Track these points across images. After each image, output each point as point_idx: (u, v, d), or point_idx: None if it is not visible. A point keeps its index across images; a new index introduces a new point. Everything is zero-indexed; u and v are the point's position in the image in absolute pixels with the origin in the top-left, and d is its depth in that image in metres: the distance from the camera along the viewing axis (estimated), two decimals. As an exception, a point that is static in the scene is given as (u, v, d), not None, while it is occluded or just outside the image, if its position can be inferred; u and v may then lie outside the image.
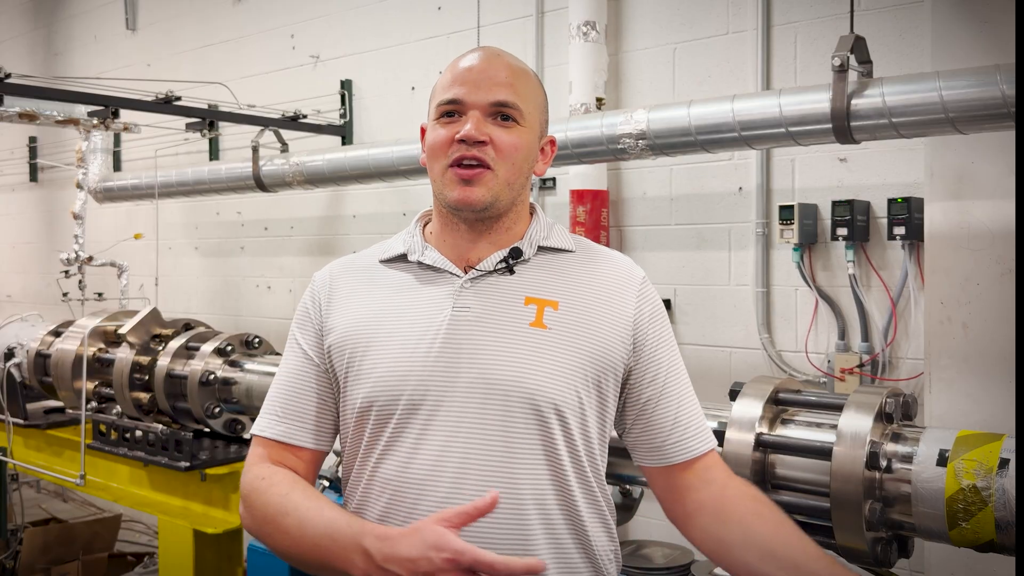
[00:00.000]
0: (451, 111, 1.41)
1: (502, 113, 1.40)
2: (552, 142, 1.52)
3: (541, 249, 1.47)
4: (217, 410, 3.64)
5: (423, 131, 1.51)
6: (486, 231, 1.44)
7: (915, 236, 3.06)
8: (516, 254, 1.44)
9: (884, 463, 2.01)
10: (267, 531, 1.39)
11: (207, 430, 3.75)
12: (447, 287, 1.42)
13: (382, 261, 1.50)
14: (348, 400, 1.43)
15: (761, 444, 2.17)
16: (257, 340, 3.79)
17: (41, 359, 4.32)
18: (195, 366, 3.63)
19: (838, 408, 2.12)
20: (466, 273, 1.43)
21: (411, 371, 1.37)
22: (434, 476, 1.33)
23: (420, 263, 1.46)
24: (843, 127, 2.71)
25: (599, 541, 1.42)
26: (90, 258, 5.08)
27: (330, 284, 1.51)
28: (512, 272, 1.43)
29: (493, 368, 1.35)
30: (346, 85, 4.98)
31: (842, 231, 3.21)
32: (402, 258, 1.49)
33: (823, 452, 2.08)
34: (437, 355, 1.37)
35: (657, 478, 1.50)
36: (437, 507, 1.31)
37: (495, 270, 1.43)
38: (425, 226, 1.54)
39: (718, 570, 2.32)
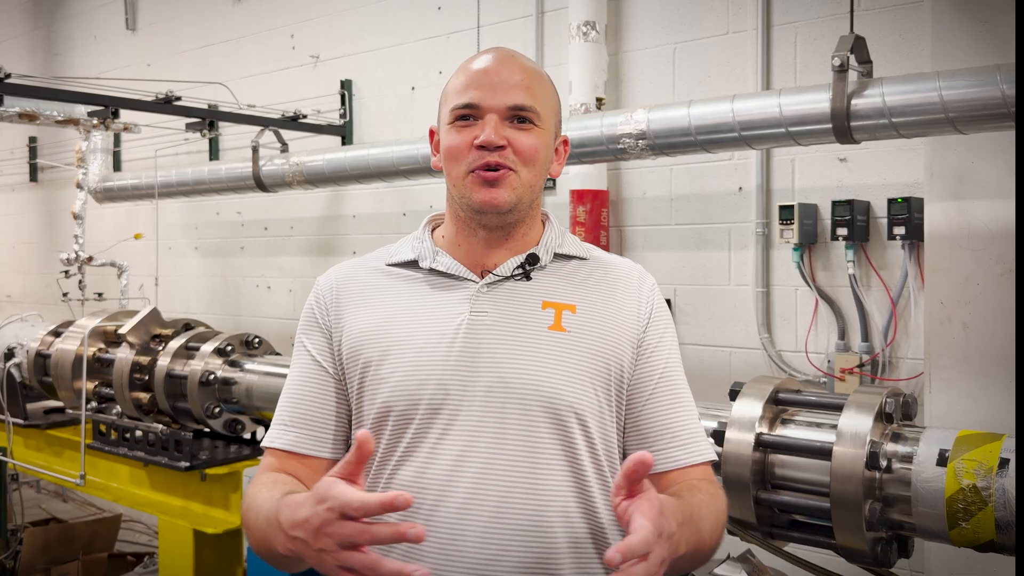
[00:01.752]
0: (466, 115, 1.38)
1: (519, 116, 1.38)
2: (565, 142, 1.50)
3: (556, 256, 1.46)
4: (217, 410, 3.64)
5: (432, 133, 1.49)
6: (504, 237, 1.42)
7: (915, 236, 3.06)
8: (533, 260, 1.42)
9: (884, 463, 2.01)
10: (247, 534, 1.35)
11: (207, 430, 3.76)
12: (463, 292, 1.40)
13: (389, 265, 1.47)
14: (364, 406, 1.40)
15: (761, 444, 2.17)
16: (257, 340, 3.79)
17: (41, 359, 4.32)
18: (195, 366, 3.63)
19: (838, 408, 2.13)
20: (482, 278, 1.41)
21: (430, 376, 1.35)
22: (453, 481, 1.31)
23: (432, 269, 1.43)
24: (843, 127, 2.71)
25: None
26: (90, 258, 5.08)
27: (337, 289, 1.47)
28: (529, 278, 1.42)
29: (512, 372, 1.34)
30: (346, 85, 4.98)
31: (842, 231, 3.21)
32: (411, 264, 1.46)
33: (823, 452, 2.08)
34: (456, 359, 1.35)
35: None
36: (456, 513, 1.30)
37: (512, 276, 1.41)
38: (433, 231, 1.51)
39: (719, 570, 2.32)
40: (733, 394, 2.28)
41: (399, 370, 1.36)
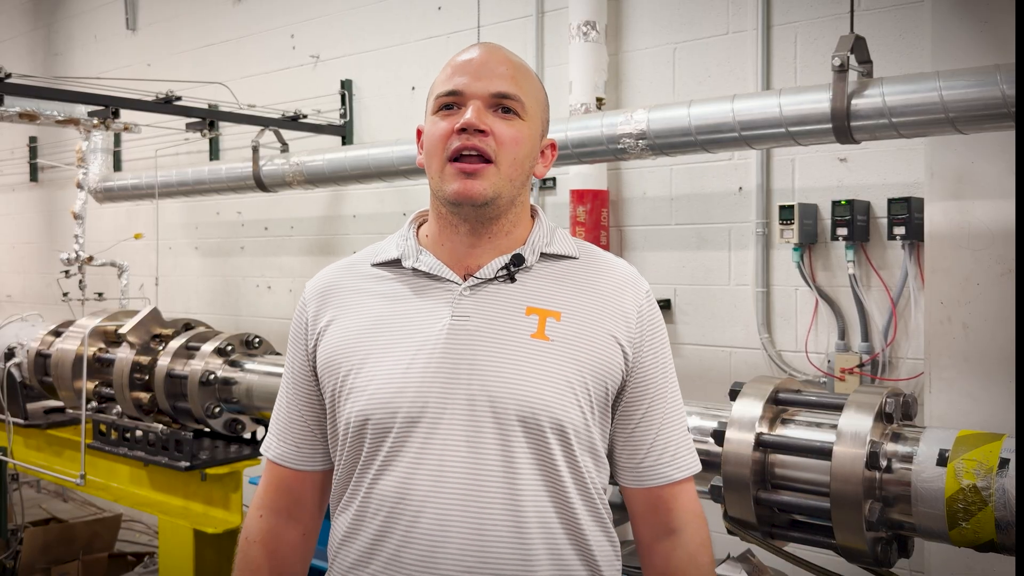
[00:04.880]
0: (450, 103, 1.36)
1: (503, 105, 1.35)
2: (553, 145, 1.47)
3: (543, 256, 1.42)
4: (217, 410, 3.64)
5: (419, 132, 1.47)
6: (486, 233, 1.39)
7: (915, 236, 3.06)
8: (518, 261, 1.38)
9: (884, 463, 2.01)
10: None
11: (207, 430, 3.75)
12: (445, 295, 1.37)
13: (375, 265, 1.46)
14: (343, 415, 1.38)
15: (761, 444, 2.17)
16: (257, 340, 3.79)
17: (41, 359, 4.32)
18: (195, 366, 3.63)
19: (838, 408, 2.13)
20: (465, 280, 1.38)
21: (408, 384, 1.33)
22: (434, 493, 1.30)
23: (415, 269, 1.41)
24: (843, 127, 2.71)
25: (602, 550, 1.39)
26: (90, 258, 5.08)
27: (319, 297, 1.46)
28: (513, 280, 1.38)
29: (493, 382, 1.31)
30: (346, 85, 4.98)
31: (842, 231, 3.21)
32: (396, 263, 1.44)
33: (823, 452, 2.08)
34: (436, 368, 1.32)
35: (632, 499, 1.47)
36: (436, 524, 1.29)
37: (495, 277, 1.38)
38: (419, 228, 1.48)
39: (719, 570, 2.32)
40: (733, 394, 2.28)
41: (377, 378, 1.34)
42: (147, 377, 3.76)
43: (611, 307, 1.40)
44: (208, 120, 4.82)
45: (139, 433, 3.73)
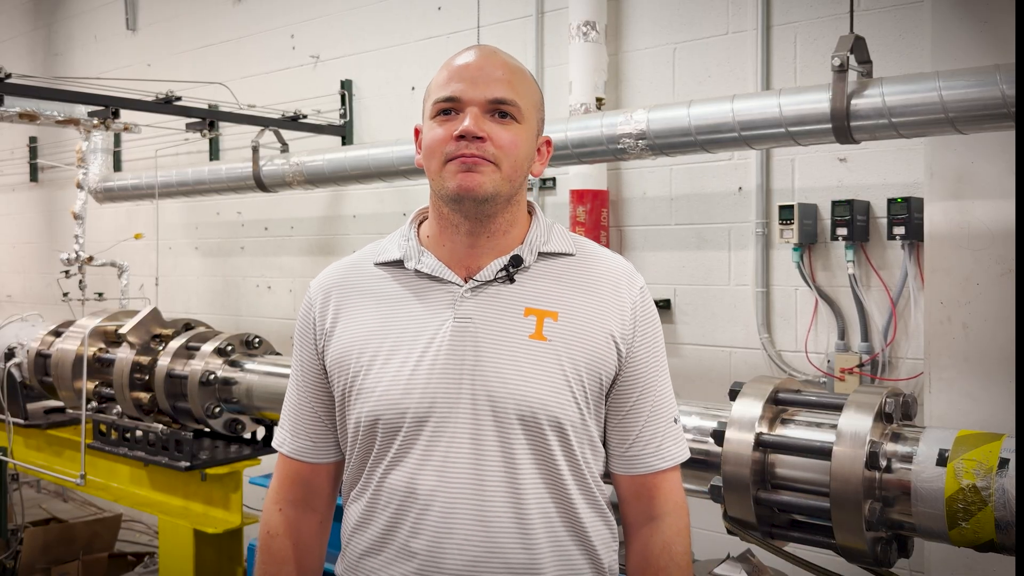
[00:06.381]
0: (448, 108, 1.39)
1: (500, 111, 1.38)
2: (548, 143, 1.51)
3: (541, 255, 1.46)
4: (217, 410, 3.65)
5: (417, 132, 1.50)
6: (485, 231, 1.42)
7: (915, 236, 3.06)
8: (516, 262, 1.42)
9: (884, 463, 2.01)
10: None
11: (207, 430, 3.76)
12: (447, 296, 1.41)
13: (377, 264, 1.49)
14: (353, 414, 1.43)
15: (761, 444, 2.18)
16: (257, 340, 3.79)
17: (41, 359, 4.32)
18: (195, 366, 3.64)
19: (838, 408, 2.13)
20: (466, 281, 1.42)
21: (415, 385, 1.38)
22: (440, 488, 1.36)
23: (417, 271, 1.44)
24: (843, 127, 2.71)
25: (599, 534, 1.44)
26: (90, 258, 5.08)
27: (325, 296, 1.50)
28: (512, 281, 1.42)
29: (494, 382, 1.36)
30: (346, 85, 4.98)
31: (842, 231, 3.21)
32: (398, 263, 1.47)
33: (823, 452, 2.08)
34: (441, 369, 1.37)
35: (619, 484, 1.51)
36: (443, 517, 1.35)
37: (495, 279, 1.42)
38: (420, 226, 1.52)
39: (718, 569, 2.32)
40: (733, 394, 2.28)
41: (385, 379, 1.39)
42: (147, 377, 3.76)
43: (607, 303, 1.44)
44: (208, 120, 4.82)
45: (139, 433, 3.73)
